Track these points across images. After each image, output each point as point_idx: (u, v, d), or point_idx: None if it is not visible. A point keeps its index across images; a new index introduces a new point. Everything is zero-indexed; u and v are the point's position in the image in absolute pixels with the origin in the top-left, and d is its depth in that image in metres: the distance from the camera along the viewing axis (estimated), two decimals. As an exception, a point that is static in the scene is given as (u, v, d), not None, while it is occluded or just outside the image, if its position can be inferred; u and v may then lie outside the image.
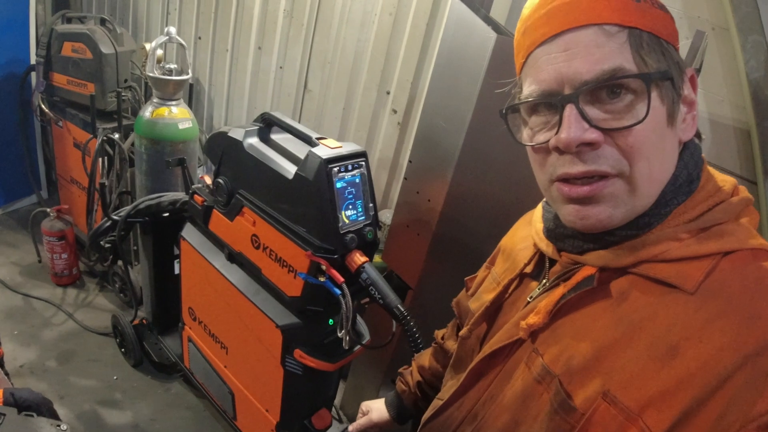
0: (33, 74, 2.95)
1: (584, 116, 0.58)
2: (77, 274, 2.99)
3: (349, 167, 1.40)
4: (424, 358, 1.17)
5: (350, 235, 1.39)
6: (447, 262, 1.77)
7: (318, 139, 1.43)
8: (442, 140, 1.67)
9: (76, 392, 2.30)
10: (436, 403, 0.86)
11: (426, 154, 1.75)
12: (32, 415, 1.24)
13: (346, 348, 1.44)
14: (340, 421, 2.21)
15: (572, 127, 0.58)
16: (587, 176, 0.60)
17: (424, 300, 1.84)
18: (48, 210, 2.76)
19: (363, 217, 1.45)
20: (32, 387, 1.35)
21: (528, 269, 0.78)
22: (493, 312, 0.81)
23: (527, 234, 0.82)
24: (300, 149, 1.48)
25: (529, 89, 0.63)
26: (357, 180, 1.43)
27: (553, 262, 0.73)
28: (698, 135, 0.67)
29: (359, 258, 1.39)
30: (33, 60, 2.97)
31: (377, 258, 2.07)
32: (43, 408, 1.36)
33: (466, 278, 1.08)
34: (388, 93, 2.26)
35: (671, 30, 0.61)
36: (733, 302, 0.55)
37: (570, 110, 0.58)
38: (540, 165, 0.66)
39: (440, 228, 1.73)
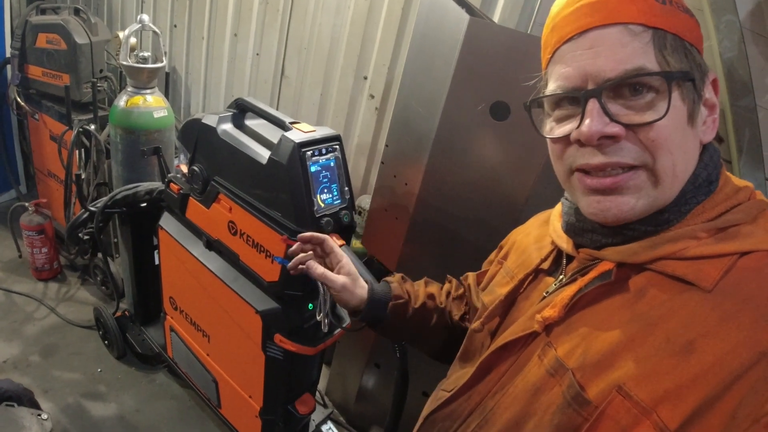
0: (8, 67, 2.89)
1: (606, 111, 0.60)
2: (58, 268, 2.97)
3: (323, 151, 1.40)
4: (434, 288, 1.15)
5: (326, 219, 1.40)
6: (425, 245, 1.78)
7: (291, 123, 1.43)
8: (418, 124, 1.67)
9: (60, 386, 2.29)
10: (441, 395, 0.85)
11: (402, 137, 1.75)
12: (13, 405, 1.24)
13: (325, 331, 1.45)
14: (324, 406, 2.23)
15: (594, 120, 0.60)
16: (607, 168, 0.61)
17: (404, 283, 1.85)
18: (26, 204, 2.73)
19: (339, 201, 1.45)
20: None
21: (544, 265, 0.79)
22: (507, 306, 0.81)
23: (543, 233, 0.84)
24: (274, 134, 1.48)
25: (554, 84, 0.65)
26: (332, 164, 1.43)
27: (570, 258, 0.74)
28: (718, 138, 0.68)
29: (336, 241, 1.39)
30: (8, 53, 2.91)
31: (357, 243, 2.08)
32: (24, 398, 1.36)
33: (469, 274, 1.12)
34: (365, 78, 2.25)
35: (695, 33, 0.62)
36: (749, 301, 0.55)
37: (593, 104, 0.60)
38: (558, 157, 0.68)
39: (418, 211, 1.74)
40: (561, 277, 0.74)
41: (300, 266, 1.06)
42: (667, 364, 0.56)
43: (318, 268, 1.04)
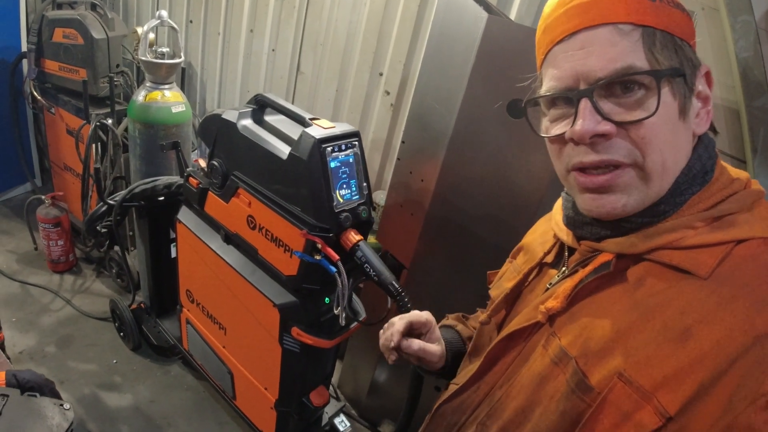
0: (24, 61, 2.92)
1: (598, 110, 0.61)
2: (74, 261, 3.01)
3: (343, 147, 1.42)
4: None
5: (345, 214, 1.41)
6: (440, 241, 1.79)
7: (311, 119, 1.45)
8: (434, 120, 1.68)
9: (76, 376, 2.33)
10: (451, 388, 0.87)
11: (418, 134, 1.76)
12: (35, 396, 1.26)
13: (343, 325, 1.47)
14: (337, 399, 2.25)
15: (586, 119, 0.61)
16: (601, 165, 0.63)
17: (419, 278, 1.87)
18: (42, 197, 2.76)
19: (357, 197, 1.47)
20: (32, 372, 1.37)
21: (548, 258, 0.81)
22: (513, 299, 0.83)
23: (547, 229, 0.86)
24: (293, 130, 1.50)
25: (548, 84, 0.67)
26: (351, 159, 1.45)
27: (572, 251, 0.76)
28: (713, 129, 0.69)
29: (354, 236, 1.42)
30: (24, 47, 2.94)
31: (372, 239, 2.10)
32: (45, 389, 1.38)
33: (488, 272, 1.09)
34: (381, 74, 2.26)
35: (686, 28, 0.63)
36: (744, 287, 0.57)
37: (585, 104, 0.62)
38: (557, 155, 0.70)
39: (433, 207, 1.75)
40: (563, 269, 0.76)
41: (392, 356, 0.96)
42: (666, 350, 0.57)
43: (414, 344, 0.94)
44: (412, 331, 0.97)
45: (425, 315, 0.99)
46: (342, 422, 2.10)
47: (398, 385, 2.17)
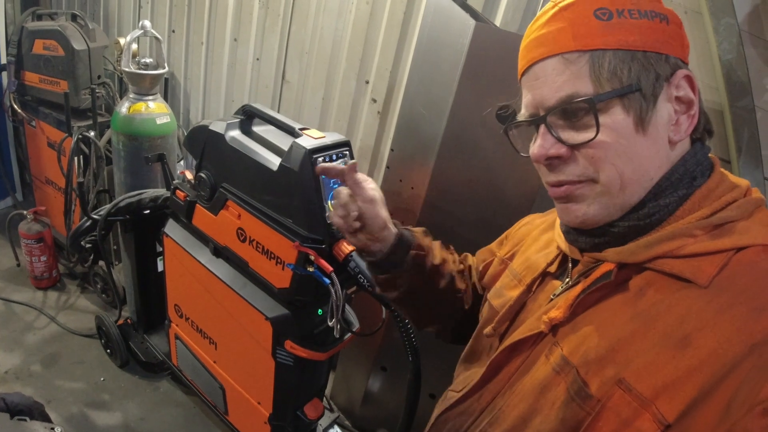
0: (4, 74, 2.87)
1: (553, 134, 0.67)
2: (57, 276, 2.95)
3: (334, 157, 1.41)
4: (446, 254, 1.08)
5: (335, 227, 1.40)
6: (433, 249, 1.78)
7: (301, 129, 1.43)
8: (424, 128, 1.68)
9: (63, 395, 2.27)
10: (451, 395, 0.88)
11: (408, 142, 1.76)
12: (25, 419, 1.23)
13: (337, 336, 1.45)
14: (331, 410, 2.23)
15: (541, 143, 0.68)
16: (560, 185, 0.69)
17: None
18: (24, 212, 2.70)
19: (349, 207, 1.45)
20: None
21: (551, 269, 0.82)
22: (517, 309, 0.84)
23: (550, 237, 0.88)
24: (283, 141, 1.48)
25: (521, 111, 0.73)
26: (341, 169, 1.43)
27: (575, 262, 0.77)
28: (709, 131, 0.70)
29: (346, 247, 1.40)
30: (4, 59, 2.88)
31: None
32: (35, 411, 1.35)
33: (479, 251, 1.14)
34: (367, 82, 2.25)
35: (652, 38, 0.63)
36: (742, 294, 0.57)
37: (542, 129, 0.68)
38: (538, 171, 0.74)
39: (424, 215, 1.74)
40: (567, 279, 0.77)
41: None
42: (665, 358, 0.58)
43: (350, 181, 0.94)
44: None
45: (371, 192, 0.95)
46: (336, 433, 2.08)
47: (392, 393, 2.15)
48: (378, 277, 1.00)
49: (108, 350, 2.50)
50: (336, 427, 2.09)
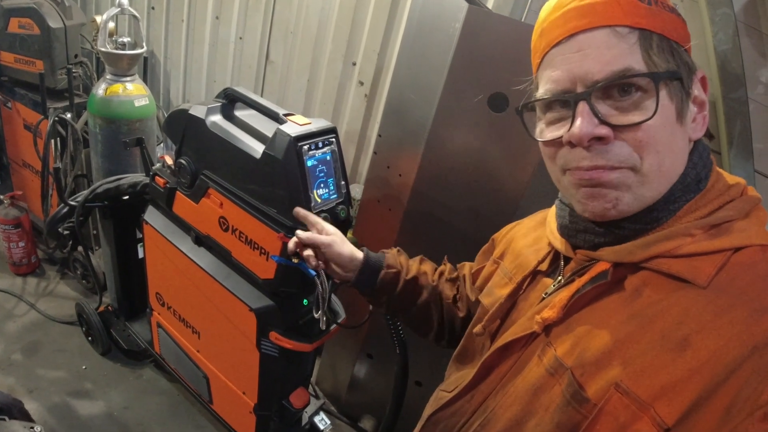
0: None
1: (595, 113, 0.61)
2: (36, 263, 2.88)
3: (320, 144, 1.36)
4: (427, 266, 1.16)
5: (323, 215, 1.35)
6: (420, 237, 1.75)
7: (285, 115, 1.38)
8: (413, 113, 1.63)
9: (45, 385, 2.23)
10: (442, 395, 0.86)
11: (396, 127, 1.71)
12: (4, 419, 1.19)
13: (323, 328, 1.41)
14: (316, 397, 2.21)
15: (584, 122, 0.61)
16: (596, 170, 0.63)
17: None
18: (1, 197, 2.62)
19: (335, 196, 1.41)
20: (-1, 382, 1.29)
21: (542, 267, 0.80)
22: (507, 308, 0.82)
23: (540, 235, 0.85)
24: (267, 126, 1.42)
25: (544, 87, 0.66)
26: (328, 157, 1.38)
27: (567, 260, 0.75)
28: (709, 135, 0.68)
29: (332, 237, 1.36)
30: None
31: (348, 234, 2.04)
32: (14, 409, 1.31)
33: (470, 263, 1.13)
34: (354, 64, 2.19)
35: (681, 32, 0.63)
36: (742, 296, 0.56)
37: (582, 107, 0.61)
38: (551, 158, 0.69)
39: (412, 203, 1.71)
40: (559, 278, 0.75)
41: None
42: (663, 360, 0.57)
43: (303, 236, 1.10)
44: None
45: (328, 239, 1.09)
46: (322, 420, 2.06)
47: (378, 380, 2.14)
48: (364, 297, 1.13)
49: (89, 338, 2.45)
50: (322, 413, 2.08)
